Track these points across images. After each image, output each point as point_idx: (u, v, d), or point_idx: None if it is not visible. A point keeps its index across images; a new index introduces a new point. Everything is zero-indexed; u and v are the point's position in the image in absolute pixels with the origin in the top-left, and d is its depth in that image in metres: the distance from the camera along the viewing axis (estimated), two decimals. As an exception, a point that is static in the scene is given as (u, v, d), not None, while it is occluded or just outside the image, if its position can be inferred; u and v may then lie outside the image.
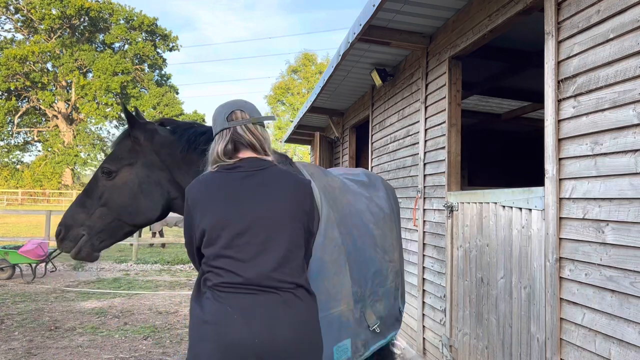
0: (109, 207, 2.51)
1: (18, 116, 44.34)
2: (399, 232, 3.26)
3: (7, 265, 9.28)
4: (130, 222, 2.57)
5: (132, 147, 2.54)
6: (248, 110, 1.98)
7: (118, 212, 2.52)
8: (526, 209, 3.25)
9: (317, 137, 10.54)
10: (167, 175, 2.54)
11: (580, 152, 2.73)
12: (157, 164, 2.53)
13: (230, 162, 1.90)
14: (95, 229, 2.53)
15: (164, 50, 49.48)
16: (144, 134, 2.54)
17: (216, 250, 1.79)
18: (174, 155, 2.50)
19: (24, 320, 6.25)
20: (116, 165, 2.52)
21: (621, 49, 2.45)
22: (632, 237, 2.36)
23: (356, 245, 2.71)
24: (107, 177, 2.52)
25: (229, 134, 1.91)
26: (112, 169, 2.51)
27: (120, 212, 2.52)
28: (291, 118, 44.65)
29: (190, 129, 2.56)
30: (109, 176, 2.52)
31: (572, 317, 2.78)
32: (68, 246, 2.54)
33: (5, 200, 38.31)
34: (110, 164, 2.53)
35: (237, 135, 1.91)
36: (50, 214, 12.32)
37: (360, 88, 7.57)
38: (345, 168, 3.92)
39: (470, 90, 6.93)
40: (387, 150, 6.42)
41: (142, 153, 2.53)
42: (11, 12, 43.46)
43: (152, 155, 2.53)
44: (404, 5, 4.40)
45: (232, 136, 1.91)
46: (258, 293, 1.75)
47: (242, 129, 1.92)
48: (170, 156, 2.52)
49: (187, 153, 2.46)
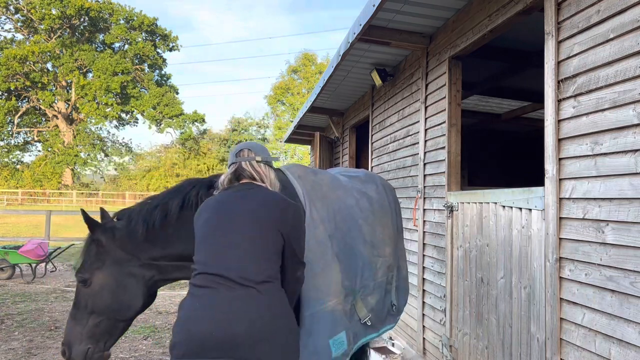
0: (97, 312, 2.58)
1: (18, 116, 44.34)
2: (395, 229, 3.29)
3: (7, 265, 9.27)
4: (122, 318, 2.65)
5: (97, 251, 2.62)
6: (255, 150, 2.36)
7: (107, 314, 2.59)
8: (526, 209, 3.26)
9: (317, 137, 10.54)
10: (136, 262, 2.63)
11: (580, 152, 2.73)
12: (124, 256, 2.62)
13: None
14: (96, 336, 2.60)
15: (164, 50, 49.47)
16: (104, 234, 2.63)
17: (197, 246, 2.12)
18: (137, 242, 2.62)
19: (24, 320, 6.25)
20: (89, 272, 2.60)
21: (621, 49, 2.45)
22: (632, 237, 2.36)
23: (345, 240, 2.81)
24: (84, 286, 2.60)
25: (235, 168, 2.33)
26: (86, 276, 2.59)
27: (109, 313, 2.59)
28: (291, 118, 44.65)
29: (143, 209, 2.69)
30: (85, 284, 2.60)
31: (572, 317, 2.78)
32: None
33: (5, 200, 38.31)
34: (83, 273, 2.60)
35: (240, 169, 2.32)
36: (50, 214, 12.33)
37: (360, 88, 7.57)
38: (346, 168, 3.96)
39: (470, 90, 6.93)
40: (387, 150, 6.42)
41: (107, 253, 2.61)
42: (11, 12, 43.45)
43: (116, 251, 2.62)
44: (404, 5, 4.40)
45: (237, 169, 2.32)
46: (221, 287, 1.96)
47: (245, 164, 2.31)
48: (133, 244, 2.62)
49: (147, 233, 2.61)
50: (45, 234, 12.04)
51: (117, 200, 42.88)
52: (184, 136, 48.49)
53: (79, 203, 40.30)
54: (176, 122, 47.65)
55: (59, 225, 22.02)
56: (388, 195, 3.36)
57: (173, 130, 49.17)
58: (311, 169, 3.00)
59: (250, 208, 2.12)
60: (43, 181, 43.88)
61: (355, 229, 2.92)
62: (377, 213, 3.14)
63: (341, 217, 2.85)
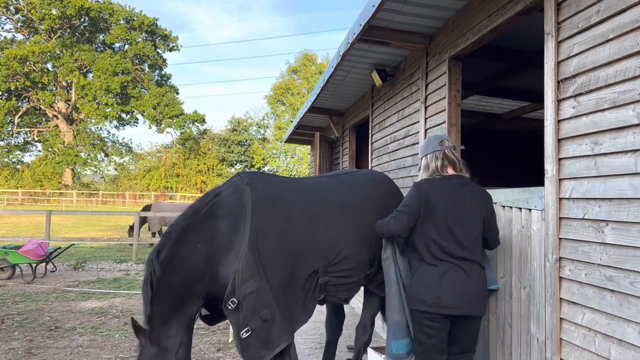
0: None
1: (18, 116, 44.36)
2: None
3: (7, 265, 9.28)
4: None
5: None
6: (449, 140, 3.20)
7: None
8: (526, 209, 3.26)
9: (317, 137, 10.54)
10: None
11: (580, 152, 2.73)
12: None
13: (445, 174, 3.09)
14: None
15: (164, 50, 49.49)
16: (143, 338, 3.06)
17: (437, 227, 2.96)
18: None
19: (24, 320, 6.26)
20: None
21: (621, 49, 2.45)
22: (632, 237, 2.37)
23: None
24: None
25: (441, 155, 3.11)
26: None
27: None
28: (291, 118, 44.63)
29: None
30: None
31: (572, 317, 2.78)
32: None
33: (5, 200, 38.32)
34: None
35: (445, 155, 3.11)
36: (51, 214, 12.33)
37: (360, 88, 7.57)
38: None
39: (470, 90, 6.93)
40: (387, 150, 6.42)
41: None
42: (11, 12, 43.48)
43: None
44: (404, 5, 4.40)
45: (443, 156, 3.10)
46: (453, 263, 2.93)
47: (448, 151, 3.13)
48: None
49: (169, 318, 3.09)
50: (45, 234, 12.04)
51: (117, 200, 42.91)
52: (184, 136, 48.51)
53: (79, 203, 40.32)
54: (176, 122, 47.67)
55: (59, 225, 22.04)
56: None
57: (173, 130, 49.20)
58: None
59: (472, 202, 3.02)
60: (43, 181, 43.90)
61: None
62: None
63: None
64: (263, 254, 2.99)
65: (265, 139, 49.84)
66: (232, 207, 3.11)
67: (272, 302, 2.93)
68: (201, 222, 3.07)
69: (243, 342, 2.92)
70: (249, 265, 2.92)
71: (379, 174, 4.04)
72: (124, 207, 39.81)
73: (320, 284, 3.24)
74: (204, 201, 3.18)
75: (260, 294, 2.91)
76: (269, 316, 2.91)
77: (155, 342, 3.01)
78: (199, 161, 48.81)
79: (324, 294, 3.35)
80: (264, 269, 2.96)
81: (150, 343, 3.00)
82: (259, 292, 2.90)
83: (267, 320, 2.91)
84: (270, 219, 3.10)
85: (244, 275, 2.91)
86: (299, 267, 3.13)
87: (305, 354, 4.79)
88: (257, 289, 2.90)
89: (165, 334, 3.02)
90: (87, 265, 11.38)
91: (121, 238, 16.37)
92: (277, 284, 3.00)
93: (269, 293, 2.93)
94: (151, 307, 2.98)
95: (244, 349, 2.93)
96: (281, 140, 42.53)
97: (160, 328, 3.01)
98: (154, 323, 3.00)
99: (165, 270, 2.97)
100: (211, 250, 3.01)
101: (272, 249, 3.03)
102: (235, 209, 3.10)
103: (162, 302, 2.99)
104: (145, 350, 3.01)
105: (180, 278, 2.99)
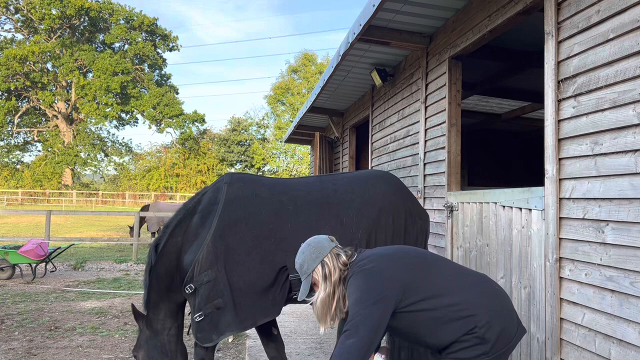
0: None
1: (18, 116, 44.34)
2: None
3: (7, 265, 9.27)
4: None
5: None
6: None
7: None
8: (526, 209, 3.26)
9: (317, 137, 10.54)
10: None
11: (580, 152, 2.73)
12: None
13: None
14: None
15: (163, 50, 49.47)
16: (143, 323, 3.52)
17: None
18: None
19: (24, 320, 6.25)
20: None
21: (621, 49, 2.45)
22: (632, 237, 2.36)
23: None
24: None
25: (337, 250, 2.36)
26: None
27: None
28: (291, 118, 44.61)
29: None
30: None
31: (572, 317, 2.78)
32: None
33: (5, 200, 38.31)
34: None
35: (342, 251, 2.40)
36: (50, 214, 12.32)
37: (360, 88, 7.57)
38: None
39: (470, 90, 6.93)
40: (387, 150, 6.42)
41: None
42: (11, 12, 43.47)
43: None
44: (404, 5, 4.40)
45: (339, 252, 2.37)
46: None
47: (343, 252, 2.34)
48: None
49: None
50: (45, 234, 12.04)
51: (117, 200, 42.90)
52: (184, 136, 48.47)
53: (79, 203, 40.31)
54: (176, 122, 47.64)
55: (59, 225, 22.03)
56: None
57: (173, 130, 49.17)
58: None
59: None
60: (43, 181, 43.89)
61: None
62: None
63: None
64: (228, 247, 3.18)
65: (265, 139, 49.80)
66: (208, 203, 3.37)
67: (227, 292, 3.14)
68: (185, 218, 3.38)
69: (196, 324, 3.18)
70: (209, 256, 3.15)
71: (378, 173, 3.82)
72: (124, 207, 39.79)
73: (292, 281, 3.27)
74: (194, 199, 3.48)
75: (216, 283, 3.13)
76: (222, 305, 3.14)
77: (149, 325, 3.45)
78: (198, 161, 48.78)
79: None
80: (226, 262, 3.16)
81: (146, 326, 3.45)
82: (215, 281, 3.13)
83: (219, 308, 3.14)
84: (238, 214, 3.27)
85: (204, 264, 3.14)
86: (263, 262, 3.22)
87: (305, 354, 4.79)
88: (214, 278, 3.13)
89: (156, 317, 3.44)
90: (87, 265, 11.38)
91: (121, 238, 16.37)
92: (237, 276, 3.17)
93: (224, 284, 3.14)
94: (148, 293, 3.41)
95: (197, 330, 3.20)
96: (281, 140, 42.53)
97: (152, 312, 3.43)
98: (148, 308, 3.44)
99: (157, 260, 3.36)
100: (182, 241, 3.34)
101: (236, 243, 3.20)
102: (209, 206, 3.35)
103: (153, 289, 3.40)
104: (142, 333, 3.48)
105: (164, 267, 3.36)
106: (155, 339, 3.44)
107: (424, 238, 3.53)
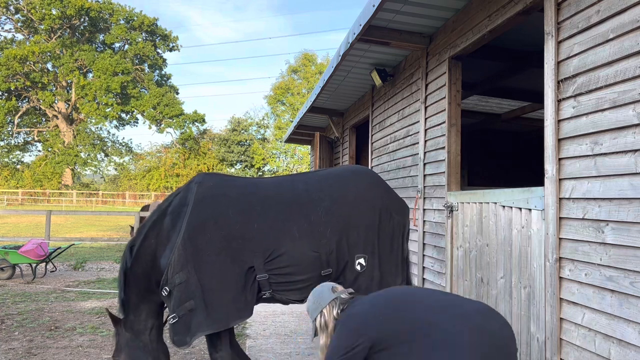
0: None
1: (18, 116, 44.33)
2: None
3: (7, 265, 9.27)
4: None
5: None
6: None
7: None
8: (526, 209, 3.26)
9: (317, 137, 10.54)
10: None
11: (580, 152, 2.73)
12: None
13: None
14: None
15: (164, 50, 49.46)
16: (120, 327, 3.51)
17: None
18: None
19: (24, 320, 6.25)
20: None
21: (621, 49, 2.45)
22: (632, 237, 2.36)
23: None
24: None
25: (338, 301, 2.43)
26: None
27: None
28: (291, 118, 44.60)
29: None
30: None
31: (572, 317, 2.78)
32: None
33: (5, 200, 38.31)
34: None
35: (342, 301, 2.44)
36: (51, 214, 12.33)
37: (360, 88, 7.57)
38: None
39: (470, 90, 6.93)
40: (387, 150, 6.42)
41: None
42: (11, 12, 43.45)
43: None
44: (404, 5, 4.40)
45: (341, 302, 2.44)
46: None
47: (345, 295, 2.46)
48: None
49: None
50: (45, 234, 12.04)
51: (117, 200, 42.89)
52: (184, 136, 48.46)
53: (79, 203, 40.32)
54: (176, 122, 47.63)
55: (59, 225, 22.03)
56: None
57: (173, 130, 49.16)
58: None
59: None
60: (43, 181, 43.88)
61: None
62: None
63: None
64: (197, 248, 3.20)
65: (265, 139, 49.78)
66: (178, 205, 3.40)
67: (198, 293, 3.15)
68: (158, 219, 3.41)
69: (172, 327, 3.21)
70: (180, 259, 3.18)
71: (353, 169, 3.69)
72: (124, 207, 39.79)
73: (260, 281, 3.25)
74: (167, 199, 3.51)
75: (187, 285, 3.16)
76: (193, 306, 3.16)
77: (130, 327, 3.45)
78: (199, 161, 48.76)
79: (269, 292, 3.33)
80: (196, 263, 3.18)
81: (126, 329, 3.44)
82: (186, 283, 3.16)
83: (191, 310, 3.16)
84: (206, 215, 3.28)
85: (176, 267, 3.18)
86: (233, 262, 3.22)
87: (305, 354, 4.79)
88: (185, 280, 3.16)
89: (138, 318, 3.45)
90: (87, 265, 11.38)
91: (121, 238, 16.37)
92: (208, 277, 3.18)
93: (195, 285, 3.15)
94: (124, 294, 3.43)
95: (173, 333, 3.22)
96: (281, 140, 42.52)
97: (133, 314, 3.44)
98: (127, 311, 3.44)
99: (133, 261, 3.39)
100: (156, 244, 3.37)
101: (205, 244, 3.22)
102: (179, 207, 3.38)
103: (132, 290, 3.42)
104: (121, 336, 3.45)
105: (141, 269, 3.39)
106: (136, 340, 3.46)
107: (401, 232, 3.45)
